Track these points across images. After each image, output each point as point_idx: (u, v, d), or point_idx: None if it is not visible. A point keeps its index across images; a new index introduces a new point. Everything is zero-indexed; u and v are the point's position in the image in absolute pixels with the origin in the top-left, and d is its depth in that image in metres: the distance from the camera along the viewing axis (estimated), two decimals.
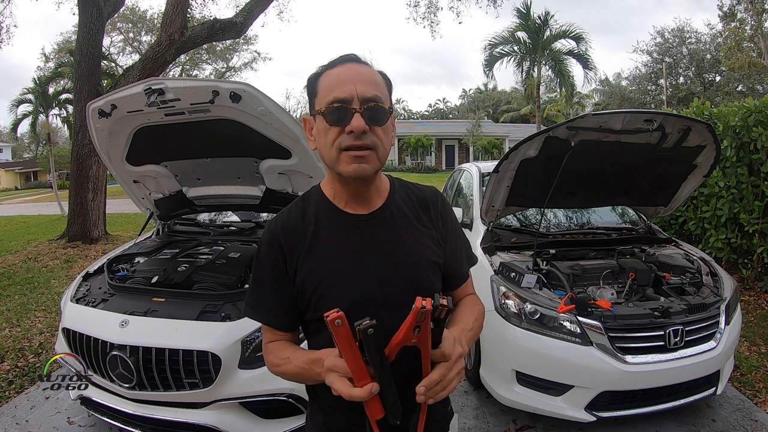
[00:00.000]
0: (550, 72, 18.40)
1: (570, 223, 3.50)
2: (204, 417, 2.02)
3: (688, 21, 43.09)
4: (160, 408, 2.04)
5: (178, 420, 2.02)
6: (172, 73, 15.89)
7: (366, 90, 0.83)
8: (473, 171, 4.03)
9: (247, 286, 1.59)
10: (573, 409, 2.24)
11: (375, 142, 0.84)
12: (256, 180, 2.78)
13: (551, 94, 30.23)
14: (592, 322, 2.22)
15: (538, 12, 18.04)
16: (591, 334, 2.20)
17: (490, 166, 3.58)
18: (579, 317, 2.24)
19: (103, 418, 2.23)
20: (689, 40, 26.00)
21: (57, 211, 13.17)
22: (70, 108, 13.49)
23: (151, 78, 2.89)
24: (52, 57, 16.77)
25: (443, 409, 1.01)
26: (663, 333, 2.22)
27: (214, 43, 14.02)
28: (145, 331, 2.01)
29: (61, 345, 2.28)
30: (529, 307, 2.32)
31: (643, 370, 2.18)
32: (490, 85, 49.54)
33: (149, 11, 17.76)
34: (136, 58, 13.63)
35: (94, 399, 2.18)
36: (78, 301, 2.34)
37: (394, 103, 0.95)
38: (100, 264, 2.74)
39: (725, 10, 18.47)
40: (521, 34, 17.50)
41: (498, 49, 17.94)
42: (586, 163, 2.69)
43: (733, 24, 18.57)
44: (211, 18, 9.53)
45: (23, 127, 16.96)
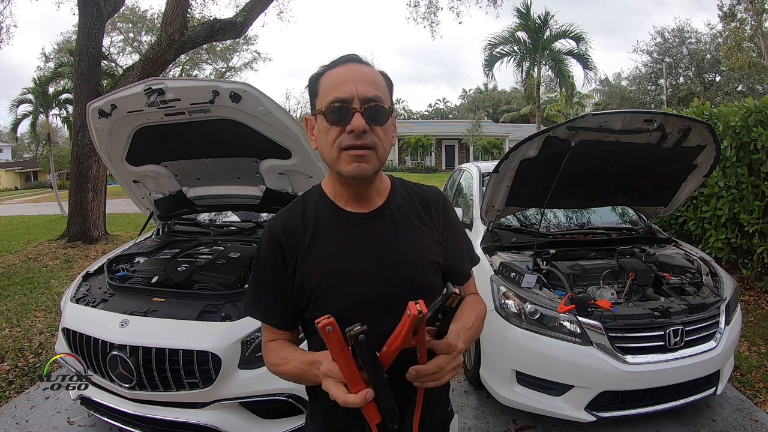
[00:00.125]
0: (550, 72, 18.42)
1: (570, 223, 3.50)
2: (204, 417, 2.02)
3: (688, 21, 43.16)
4: (160, 408, 2.04)
5: (178, 420, 2.02)
6: (172, 73, 15.89)
7: (367, 90, 0.83)
8: (473, 171, 4.03)
9: (247, 286, 1.59)
10: (573, 409, 2.24)
11: (375, 141, 0.84)
12: (256, 180, 2.78)
13: (551, 94, 30.23)
14: (592, 322, 2.22)
15: (538, 12, 18.06)
16: (591, 334, 2.20)
17: (490, 166, 3.58)
18: (579, 317, 2.24)
19: (103, 418, 2.23)
20: (689, 40, 26.00)
21: (57, 211, 13.18)
22: (70, 108, 13.50)
23: (151, 78, 2.89)
24: (52, 57, 16.78)
25: (443, 409, 1.01)
26: (663, 333, 2.22)
27: (214, 43, 14.02)
28: (145, 331, 2.02)
29: (61, 345, 2.28)
30: (529, 307, 2.32)
31: (643, 370, 2.18)
32: (490, 85, 49.59)
33: (149, 11, 17.78)
34: (136, 58, 13.64)
35: (94, 399, 2.18)
36: (78, 301, 2.34)
37: (394, 103, 0.95)
38: (100, 264, 2.74)
39: (725, 10, 18.48)
40: (521, 34, 17.51)
41: (498, 49, 17.95)
42: (586, 163, 2.69)
43: (733, 24, 18.57)
44: (211, 18, 9.54)
45: (23, 127, 17.01)
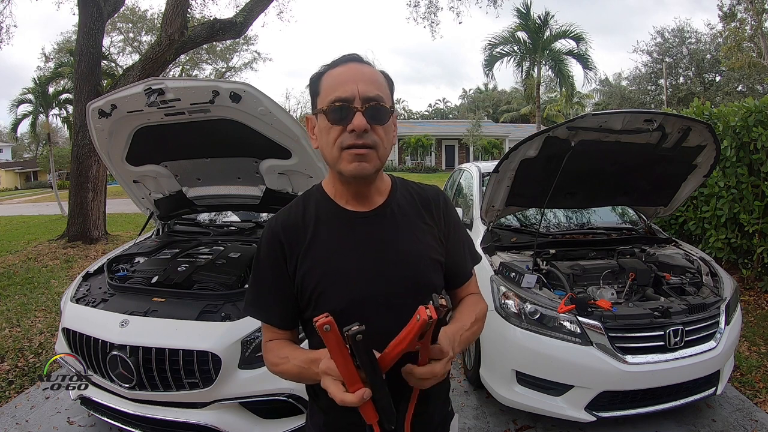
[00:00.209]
0: (550, 72, 18.42)
1: (570, 223, 3.50)
2: (204, 417, 2.02)
3: (688, 21, 43.15)
4: (160, 408, 2.04)
5: (178, 420, 2.02)
6: (172, 73, 15.88)
7: (368, 89, 0.83)
8: (473, 171, 4.03)
9: (247, 286, 1.59)
10: (573, 409, 2.24)
11: (376, 141, 0.84)
12: (256, 180, 2.78)
13: (551, 94, 30.21)
14: (592, 322, 2.22)
15: (538, 12, 18.08)
16: (591, 334, 2.20)
17: (490, 166, 3.58)
18: (579, 317, 2.24)
19: (103, 418, 2.23)
20: (689, 40, 26.00)
21: (57, 211, 13.17)
22: (70, 108, 13.50)
23: (151, 78, 2.89)
24: (52, 57, 16.79)
25: (444, 409, 1.01)
26: (663, 333, 2.22)
27: (214, 43, 14.03)
28: (145, 331, 2.02)
29: (61, 345, 2.28)
30: (529, 307, 2.32)
31: (643, 370, 2.18)
32: (490, 85, 49.59)
33: (149, 11, 17.76)
34: (136, 58, 13.65)
35: (94, 399, 2.18)
36: (78, 301, 2.34)
37: (395, 103, 0.95)
38: (100, 264, 2.74)
39: (725, 10, 18.47)
40: (521, 34, 17.51)
41: (498, 49, 17.95)
42: (586, 163, 2.69)
43: (733, 24, 18.57)
44: (211, 18, 9.54)
45: (23, 127, 17.01)
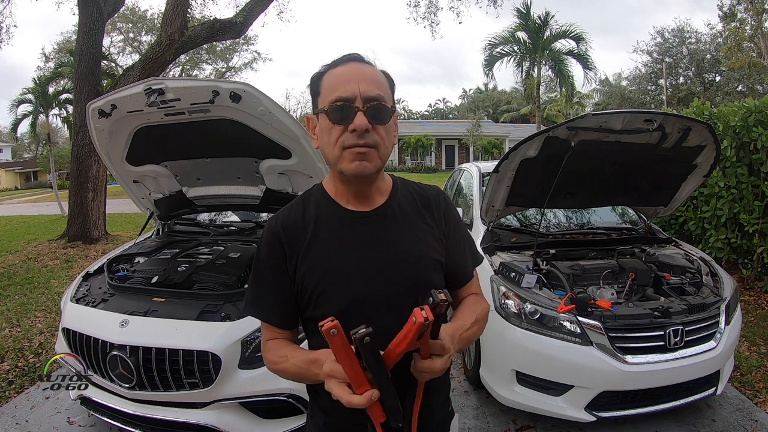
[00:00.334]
0: (550, 72, 18.42)
1: (570, 223, 3.50)
2: (204, 417, 2.02)
3: (688, 21, 43.16)
4: (160, 408, 2.04)
5: (178, 420, 2.02)
6: (172, 73, 15.88)
7: (369, 89, 0.83)
8: (473, 171, 4.03)
9: (247, 286, 1.59)
10: (573, 409, 2.24)
11: (377, 140, 0.84)
12: (256, 180, 2.78)
13: (551, 94, 30.21)
14: (592, 322, 2.22)
15: (538, 12, 18.08)
16: (591, 334, 2.20)
17: (490, 166, 3.57)
18: (579, 317, 2.24)
19: (103, 418, 2.23)
20: (689, 40, 25.99)
21: (57, 211, 13.17)
22: (70, 108, 13.49)
23: (151, 78, 2.89)
24: (52, 57, 16.78)
25: (444, 408, 1.01)
26: (663, 333, 2.22)
27: (214, 43, 14.03)
28: (145, 331, 2.01)
29: (61, 345, 2.28)
30: (529, 307, 2.32)
31: (643, 370, 2.18)
32: (490, 85, 49.59)
33: (149, 11, 17.76)
34: (136, 58, 13.65)
35: (94, 399, 2.18)
36: (78, 301, 2.34)
37: (395, 103, 0.95)
38: (100, 264, 2.74)
39: (725, 10, 18.47)
40: (521, 34, 17.51)
41: (498, 49, 17.95)
42: (586, 163, 2.69)
43: (733, 24, 18.56)
44: (211, 18, 9.54)
45: (23, 127, 17.01)
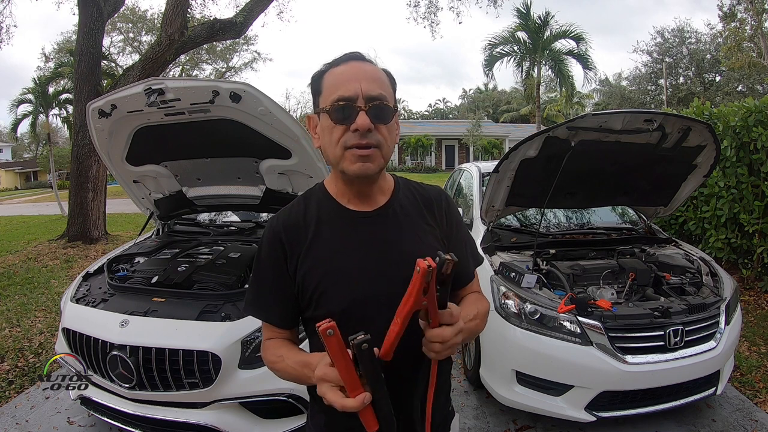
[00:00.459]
0: (550, 72, 18.42)
1: (570, 223, 3.50)
2: (204, 417, 2.02)
3: (688, 21, 43.14)
4: (160, 408, 2.04)
5: (178, 420, 2.02)
6: (172, 73, 15.88)
7: (371, 88, 0.83)
8: (473, 171, 4.03)
9: (247, 286, 1.60)
10: (573, 409, 2.24)
11: (380, 140, 0.84)
12: (256, 180, 2.78)
13: (551, 94, 30.20)
14: (592, 322, 2.22)
15: (538, 12, 18.08)
16: (591, 334, 2.20)
17: (490, 166, 3.58)
18: (579, 317, 2.24)
19: (103, 418, 2.23)
20: (689, 40, 25.99)
21: (57, 211, 13.16)
22: (70, 108, 13.49)
23: (151, 78, 2.89)
24: (52, 57, 16.77)
25: (444, 408, 1.01)
26: (663, 333, 2.22)
27: (214, 43, 14.02)
28: (145, 331, 2.02)
29: (61, 345, 2.28)
30: (529, 307, 2.32)
31: (643, 370, 2.18)
32: (490, 85, 49.59)
33: (149, 11, 17.76)
34: (136, 58, 13.64)
35: (94, 399, 2.18)
36: (78, 301, 2.34)
37: (398, 101, 0.95)
38: (100, 264, 2.74)
39: (725, 10, 18.46)
40: (521, 34, 17.51)
41: (498, 49, 17.94)
42: (586, 163, 2.69)
43: (733, 24, 18.56)
44: (211, 18, 9.53)
45: (23, 127, 16.99)
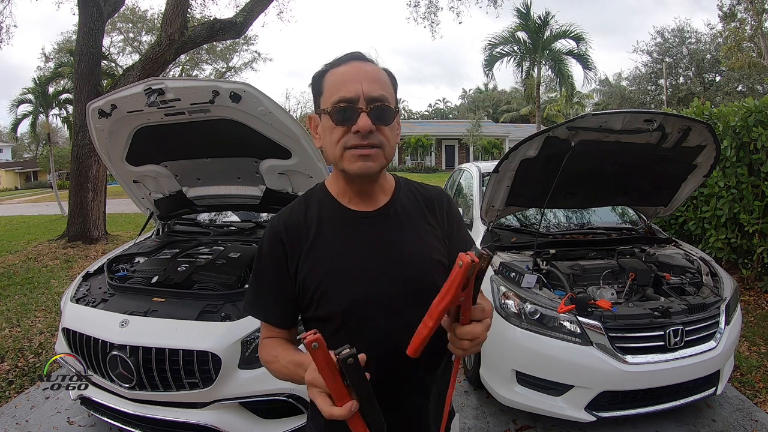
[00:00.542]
0: (550, 72, 18.41)
1: (570, 223, 3.50)
2: (204, 417, 2.02)
3: (688, 21, 43.16)
4: (160, 408, 2.05)
5: (178, 420, 2.03)
6: (172, 73, 15.87)
7: (372, 89, 0.82)
8: (473, 171, 4.04)
9: (247, 286, 1.60)
10: (573, 409, 2.24)
11: (382, 141, 0.84)
12: (256, 180, 2.78)
13: (551, 94, 30.20)
14: (592, 322, 2.22)
15: (538, 12, 18.07)
16: (591, 334, 2.20)
17: (490, 166, 3.58)
18: (579, 317, 2.24)
19: (103, 418, 2.23)
20: (689, 40, 26.00)
21: (57, 211, 13.16)
22: (70, 108, 13.48)
23: (151, 78, 2.89)
24: (52, 57, 16.76)
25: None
26: (663, 333, 2.22)
27: (214, 43, 14.02)
28: (145, 331, 2.02)
29: (61, 345, 2.28)
30: (529, 307, 2.32)
31: (643, 370, 2.18)
32: (490, 85, 49.58)
33: (149, 11, 17.75)
34: (136, 58, 13.64)
35: (94, 399, 2.18)
36: (78, 301, 2.34)
37: (398, 101, 0.95)
38: (100, 264, 2.74)
39: (725, 10, 18.46)
40: (521, 34, 17.50)
41: (498, 49, 17.93)
42: (586, 163, 2.69)
43: (733, 24, 18.56)
44: (211, 18, 9.53)
45: (23, 127, 16.98)
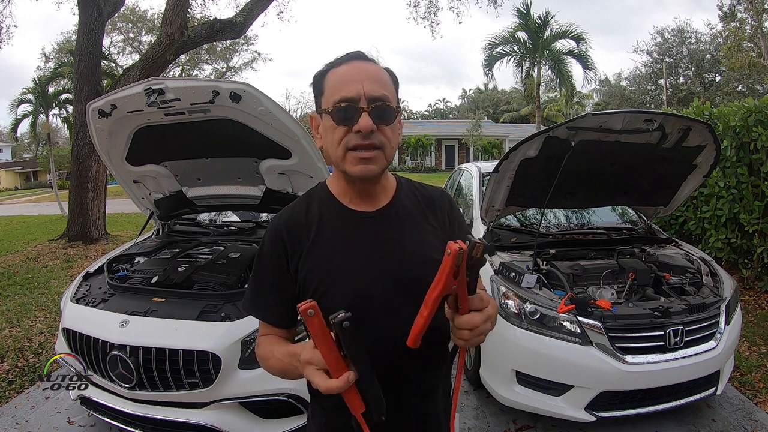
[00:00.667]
0: (550, 72, 18.41)
1: (570, 223, 3.50)
2: (204, 417, 2.02)
3: (688, 21, 43.12)
4: (160, 408, 2.05)
5: (178, 420, 2.02)
6: (172, 73, 15.87)
7: (373, 89, 0.82)
8: (473, 171, 4.04)
9: (246, 286, 1.60)
10: (573, 409, 2.24)
11: (383, 141, 0.84)
12: (256, 180, 2.78)
13: (551, 94, 30.20)
14: (592, 322, 2.22)
15: (538, 12, 18.08)
16: (591, 334, 2.20)
17: (490, 166, 3.58)
18: (579, 317, 2.24)
19: (103, 418, 2.23)
20: (689, 40, 26.01)
21: (57, 211, 13.16)
22: (70, 108, 13.48)
23: (151, 78, 2.89)
24: (52, 57, 16.76)
25: (446, 408, 1.01)
26: (663, 333, 2.22)
27: (214, 43, 14.02)
28: (145, 331, 2.02)
29: (61, 345, 2.28)
30: (529, 307, 2.32)
31: (643, 370, 2.18)
32: (490, 85, 49.60)
33: (149, 11, 17.74)
34: (136, 58, 13.64)
35: (94, 399, 2.18)
36: (78, 301, 2.34)
37: (399, 101, 0.94)
38: (100, 264, 2.74)
39: (725, 10, 18.47)
40: (521, 34, 17.51)
41: (498, 49, 17.94)
42: (586, 163, 2.69)
43: (733, 24, 18.57)
44: (211, 18, 9.53)
45: (23, 127, 16.97)
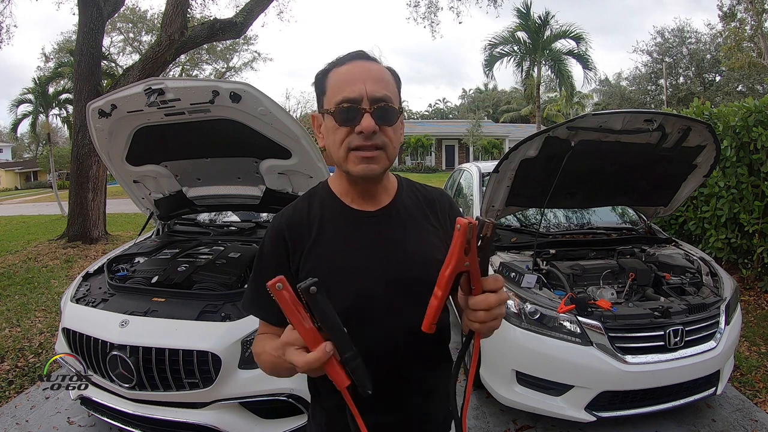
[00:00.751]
0: (550, 72, 18.41)
1: (570, 223, 3.50)
2: (204, 417, 2.02)
3: (688, 21, 43.19)
4: (160, 408, 2.05)
5: (178, 420, 2.03)
6: (172, 73, 15.87)
7: (376, 89, 0.82)
8: (473, 171, 4.04)
9: (247, 285, 1.60)
10: (573, 409, 2.24)
11: (385, 141, 0.84)
12: (256, 180, 2.78)
13: (551, 94, 30.21)
14: (592, 322, 2.22)
15: (538, 12, 18.09)
16: (591, 334, 2.20)
17: (490, 166, 3.58)
18: (579, 317, 2.24)
19: (103, 418, 2.23)
20: (689, 40, 26.03)
21: (57, 211, 13.17)
22: (70, 108, 13.48)
23: (151, 78, 2.89)
24: (52, 57, 16.76)
25: (446, 408, 1.01)
26: (663, 333, 2.22)
27: (214, 43, 14.02)
28: (145, 331, 2.02)
29: (61, 345, 2.28)
30: (529, 307, 2.32)
31: (643, 370, 2.18)
32: (490, 85, 49.68)
33: (149, 11, 17.75)
34: (136, 58, 13.64)
35: (94, 399, 2.18)
36: (78, 301, 2.34)
37: (402, 101, 0.93)
38: (100, 264, 2.74)
39: (725, 10, 18.48)
40: (521, 34, 17.51)
41: (498, 49, 17.94)
42: (586, 163, 2.69)
43: (733, 24, 18.57)
44: (211, 18, 9.53)
45: (23, 127, 16.97)
